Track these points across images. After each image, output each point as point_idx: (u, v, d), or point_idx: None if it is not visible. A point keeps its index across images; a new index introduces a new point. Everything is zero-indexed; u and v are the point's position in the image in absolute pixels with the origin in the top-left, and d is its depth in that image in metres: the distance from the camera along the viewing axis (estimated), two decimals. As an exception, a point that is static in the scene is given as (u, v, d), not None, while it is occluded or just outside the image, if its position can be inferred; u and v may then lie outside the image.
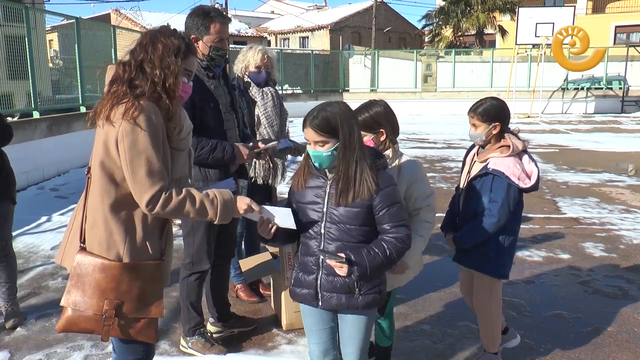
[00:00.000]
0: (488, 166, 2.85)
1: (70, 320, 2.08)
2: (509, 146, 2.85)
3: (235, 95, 3.43)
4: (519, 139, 2.91)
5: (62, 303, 2.09)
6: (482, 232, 2.86)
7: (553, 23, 20.62)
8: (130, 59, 2.10)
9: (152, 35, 2.13)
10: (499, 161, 2.83)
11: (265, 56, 4.03)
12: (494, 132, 2.87)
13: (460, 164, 11.24)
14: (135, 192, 2.02)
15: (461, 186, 3.07)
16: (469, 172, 3.02)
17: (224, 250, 3.46)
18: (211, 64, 3.16)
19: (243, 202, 2.21)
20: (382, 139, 2.60)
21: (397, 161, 2.64)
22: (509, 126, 2.95)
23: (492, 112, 2.86)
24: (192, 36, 3.04)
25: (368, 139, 2.54)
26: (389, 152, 2.60)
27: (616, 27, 33.65)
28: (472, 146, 3.13)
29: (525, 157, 2.90)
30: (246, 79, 4.04)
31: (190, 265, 3.25)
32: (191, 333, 3.36)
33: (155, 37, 2.11)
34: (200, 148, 3.03)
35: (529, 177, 2.85)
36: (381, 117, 2.59)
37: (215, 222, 2.18)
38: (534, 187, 2.86)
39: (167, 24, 2.28)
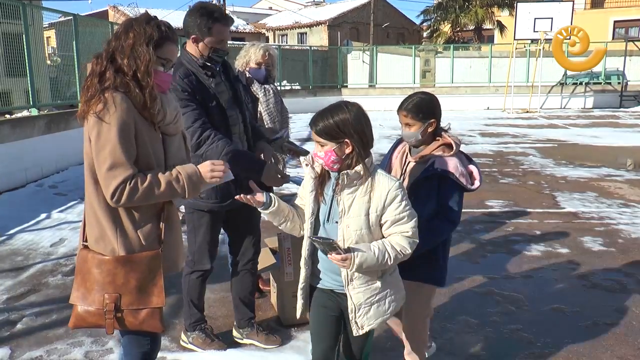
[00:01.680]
0: (435, 167, 2.56)
1: (78, 316, 2.14)
2: (450, 144, 2.61)
3: (239, 88, 3.32)
4: (450, 136, 2.66)
5: (70, 300, 2.16)
6: (439, 235, 2.62)
7: (552, 18, 20.61)
8: (104, 50, 2.10)
9: (126, 24, 2.11)
10: (445, 161, 2.57)
11: (267, 53, 4.04)
12: (430, 130, 2.62)
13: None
14: (102, 186, 2.03)
15: None
16: (403, 173, 2.72)
17: (249, 256, 3.41)
18: (210, 62, 3.05)
19: (205, 168, 2.19)
20: (347, 151, 2.14)
21: (369, 181, 2.17)
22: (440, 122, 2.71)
23: (427, 109, 2.61)
24: (193, 36, 2.95)
25: (329, 148, 2.13)
26: (359, 169, 2.14)
27: (615, 22, 33.63)
28: (397, 143, 2.85)
29: (463, 156, 2.68)
30: (247, 75, 4.05)
31: (192, 263, 3.26)
32: (192, 328, 3.37)
33: (129, 26, 2.09)
34: (226, 153, 2.87)
35: (472, 177, 2.63)
36: (347, 125, 2.11)
37: (187, 198, 2.16)
38: (477, 188, 2.64)
39: (145, 11, 2.25)
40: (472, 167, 2.66)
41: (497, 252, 5.13)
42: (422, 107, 2.60)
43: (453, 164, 2.56)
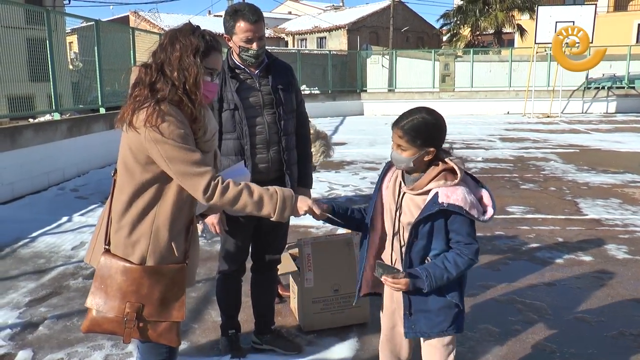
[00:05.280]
0: (440, 201, 2.12)
1: (94, 321, 2.11)
2: (453, 170, 2.18)
3: (280, 96, 3.07)
4: (453, 158, 2.22)
5: (86, 304, 2.12)
6: (460, 269, 2.18)
7: (573, 22, 20.30)
8: (152, 61, 2.08)
9: (171, 35, 2.09)
10: (450, 192, 2.12)
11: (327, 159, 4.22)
12: (426, 159, 2.18)
13: (479, 164, 10.81)
14: (190, 188, 2.04)
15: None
16: (398, 207, 2.28)
17: (269, 263, 3.38)
18: (243, 62, 3.00)
19: (304, 203, 2.20)
20: None
21: None
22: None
23: (426, 134, 2.15)
24: (225, 36, 2.99)
25: None
26: None
27: (639, 24, 33.13)
28: (386, 169, 2.40)
29: (469, 179, 2.24)
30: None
31: (220, 260, 3.31)
32: (222, 331, 3.41)
33: (174, 37, 2.07)
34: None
35: (482, 204, 2.19)
36: None
37: (273, 219, 2.15)
38: (492, 217, 2.20)
39: (189, 21, 2.23)
40: (482, 192, 2.23)
41: (519, 260, 5.06)
42: (422, 132, 2.15)
43: (460, 195, 2.12)
